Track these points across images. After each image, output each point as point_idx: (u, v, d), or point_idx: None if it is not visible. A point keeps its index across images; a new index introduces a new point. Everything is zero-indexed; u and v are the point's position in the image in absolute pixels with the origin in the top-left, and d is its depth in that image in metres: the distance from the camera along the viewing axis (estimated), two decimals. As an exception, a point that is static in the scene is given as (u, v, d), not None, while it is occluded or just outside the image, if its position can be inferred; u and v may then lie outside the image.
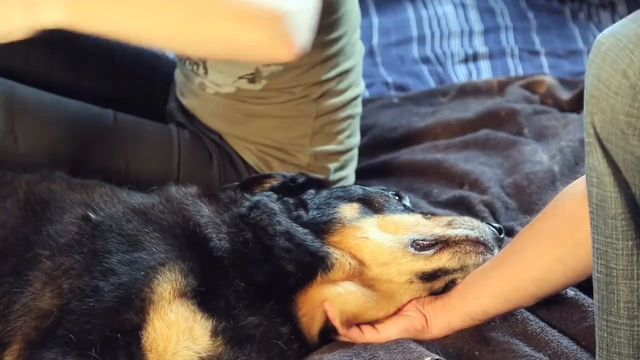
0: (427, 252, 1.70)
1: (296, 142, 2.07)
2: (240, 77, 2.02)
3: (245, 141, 2.08)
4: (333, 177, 2.10)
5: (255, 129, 2.06)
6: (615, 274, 1.37)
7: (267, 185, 1.82)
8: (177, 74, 2.17)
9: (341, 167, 2.12)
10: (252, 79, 2.01)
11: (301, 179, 1.85)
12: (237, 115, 2.06)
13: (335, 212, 1.72)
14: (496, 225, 1.77)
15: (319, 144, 2.08)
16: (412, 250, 1.70)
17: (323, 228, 1.70)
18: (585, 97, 1.32)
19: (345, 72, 2.06)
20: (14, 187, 1.80)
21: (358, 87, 2.11)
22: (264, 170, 2.07)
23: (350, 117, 2.11)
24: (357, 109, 2.12)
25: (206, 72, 2.05)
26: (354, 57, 2.08)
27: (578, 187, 1.53)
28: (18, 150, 1.96)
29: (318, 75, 2.02)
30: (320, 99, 2.04)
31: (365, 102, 2.56)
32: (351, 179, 2.14)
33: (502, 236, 1.76)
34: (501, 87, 2.60)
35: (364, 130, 2.36)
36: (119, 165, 2.01)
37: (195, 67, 2.06)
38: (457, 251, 1.71)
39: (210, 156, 2.07)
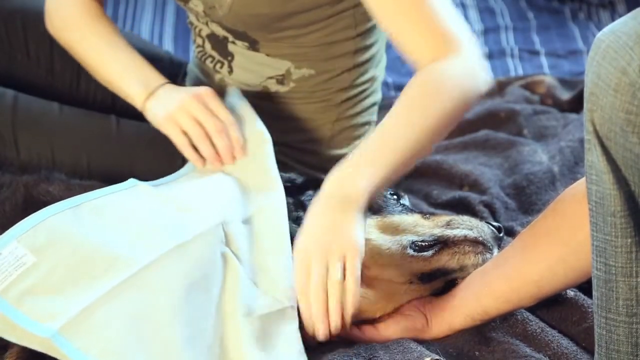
0: (426, 253, 1.70)
1: (314, 144, 2.07)
2: (270, 78, 2.02)
3: None
4: None
5: (273, 128, 2.06)
6: (614, 272, 1.37)
7: None
8: (192, 70, 2.16)
9: None
10: (282, 80, 2.01)
11: (299, 180, 1.85)
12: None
13: None
14: (495, 224, 1.77)
15: (337, 148, 2.08)
16: (411, 251, 1.69)
17: None
18: (585, 94, 1.32)
19: (370, 80, 2.07)
20: (12, 189, 1.79)
21: (378, 95, 2.11)
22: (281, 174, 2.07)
23: (368, 123, 2.11)
24: (374, 116, 2.13)
25: (231, 71, 2.04)
26: (380, 66, 2.09)
27: (579, 187, 1.52)
28: (20, 159, 1.98)
29: (346, 81, 2.03)
30: (343, 104, 2.05)
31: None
32: None
33: (501, 235, 1.75)
34: (501, 88, 2.60)
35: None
36: (123, 171, 2.01)
37: (218, 66, 2.06)
38: (456, 252, 1.70)
39: None
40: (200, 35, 2.06)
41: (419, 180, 2.21)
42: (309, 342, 1.64)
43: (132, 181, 1.75)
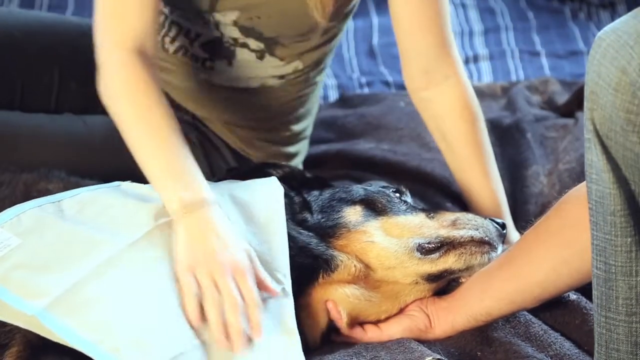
0: (432, 255, 1.69)
1: (283, 123, 2.10)
2: (273, 76, 2.02)
3: (229, 124, 2.07)
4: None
5: (248, 116, 2.07)
6: (614, 271, 1.37)
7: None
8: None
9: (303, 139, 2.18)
10: (282, 76, 2.02)
11: (305, 175, 1.85)
12: (234, 104, 2.05)
13: (339, 217, 1.71)
14: (499, 220, 1.77)
15: (297, 123, 2.12)
16: (418, 254, 1.69)
17: (329, 232, 1.69)
18: (586, 93, 1.31)
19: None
20: (12, 187, 1.79)
21: None
22: (247, 151, 2.08)
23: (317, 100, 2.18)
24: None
25: (230, 65, 2.02)
26: None
27: (583, 189, 1.52)
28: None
29: (325, 62, 2.06)
30: (316, 85, 2.09)
31: (369, 99, 2.56)
32: (304, 152, 2.19)
33: (504, 232, 1.75)
34: (504, 92, 2.60)
35: (369, 131, 2.37)
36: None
37: (215, 63, 2.01)
38: (462, 252, 1.70)
39: (189, 140, 1.83)
40: (189, 37, 2.00)
41: (432, 192, 2.20)
42: (310, 342, 1.64)
43: (116, 183, 1.74)
